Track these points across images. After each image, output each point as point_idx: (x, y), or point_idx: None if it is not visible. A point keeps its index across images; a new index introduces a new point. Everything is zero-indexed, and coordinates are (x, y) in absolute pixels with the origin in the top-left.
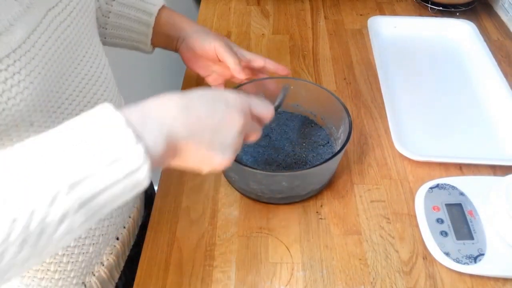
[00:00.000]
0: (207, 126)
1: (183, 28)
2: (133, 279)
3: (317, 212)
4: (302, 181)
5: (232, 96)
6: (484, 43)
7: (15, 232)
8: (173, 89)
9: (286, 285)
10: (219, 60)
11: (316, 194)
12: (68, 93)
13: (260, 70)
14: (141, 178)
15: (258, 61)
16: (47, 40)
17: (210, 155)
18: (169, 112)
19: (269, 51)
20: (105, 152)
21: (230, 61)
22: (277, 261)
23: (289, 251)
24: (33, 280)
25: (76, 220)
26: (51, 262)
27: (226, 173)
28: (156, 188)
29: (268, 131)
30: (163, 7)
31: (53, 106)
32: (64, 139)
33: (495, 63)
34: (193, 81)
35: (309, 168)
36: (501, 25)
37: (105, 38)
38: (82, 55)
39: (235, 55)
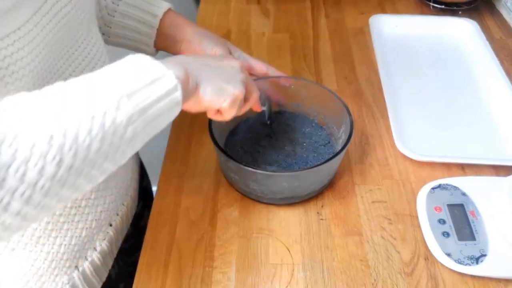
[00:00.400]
0: (213, 66)
1: (186, 31)
2: (128, 272)
3: (317, 212)
4: (303, 181)
5: (236, 63)
6: (487, 42)
7: (95, 127)
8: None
9: (287, 286)
10: None
11: (316, 195)
12: (64, 77)
13: (263, 76)
14: (178, 97)
15: (260, 67)
16: (48, 23)
17: (222, 85)
18: (181, 58)
19: (269, 50)
20: (146, 75)
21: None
22: (278, 262)
23: (290, 252)
24: (27, 261)
25: (138, 126)
26: (44, 244)
27: (226, 173)
28: (151, 181)
29: (268, 131)
30: (169, 10)
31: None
32: (110, 70)
33: (498, 62)
34: None
35: (309, 168)
36: (503, 23)
37: (109, 37)
38: (81, 41)
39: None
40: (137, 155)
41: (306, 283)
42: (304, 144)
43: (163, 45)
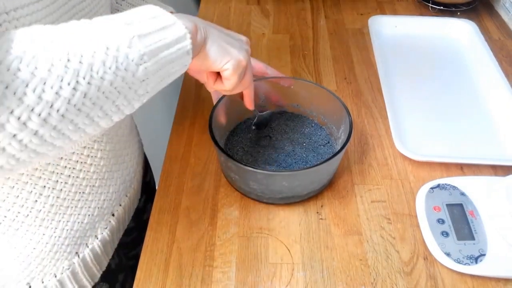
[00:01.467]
0: (221, 29)
1: None
2: (129, 265)
3: (317, 212)
4: (303, 181)
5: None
6: (485, 43)
7: (109, 59)
8: (172, 90)
9: (287, 286)
10: None
11: (316, 194)
12: None
13: (262, 76)
14: (187, 45)
15: (259, 67)
16: (64, 5)
17: (228, 47)
18: (191, 17)
19: (269, 50)
20: (157, 21)
21: None
22: (277, 262)
23: (290, 252)
24: (29, 243)
25: (150, 68)
26: (47, 227)
27: (226, 173)
28: (155, 176)
29: (268, 131)
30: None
31: None
32: (122, 14)
33: (496, 63)
34: (192, 84)
35: (309, 168)
36: (502, 24)
37: None
38: None
39: None
40: (141, 149)
41: (306, 283)
42: (304, 144)
43: None
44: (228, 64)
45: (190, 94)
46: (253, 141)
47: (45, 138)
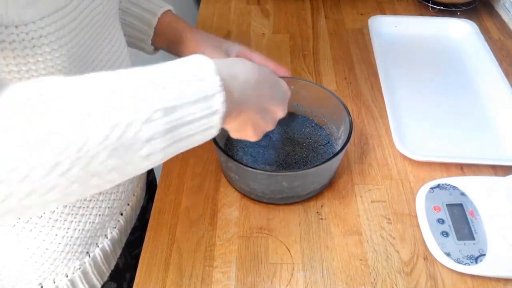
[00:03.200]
0: (264, 106)
1: (183, 36)
2: (133, 264)
3: (317, 212)
4: (303, 181)
5: (286, 86)
6: (485, 43)
7: (112, 137)
8: None
9: (287, 286)
10: None
11: (316, 194)
12: (89, 70)
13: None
14: (215, 121)
15: (259, 60)
16: (86, 8)
17: (249, 129)
18: (250, 82)
19: (269, 50)
20: (196, 89)
21: None
22: (277, 262)
23: (290, 252)
24: (42, 244)
25: (158, 145)
26: (60, 228)
27: (226, 173)
28: (156, 175)
29: (268, 131)
30: (168, 11)
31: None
32: (161, 70)
33: (496, 63)
34: None
35: (309, 168)
36: (502, 24)
37: None
38: (108, 33)
39: None
40: None
41: (306, 283)
42: (304, 144)
43: (162, 45)
44: (237, 136)
45: None
46: (253, 141)
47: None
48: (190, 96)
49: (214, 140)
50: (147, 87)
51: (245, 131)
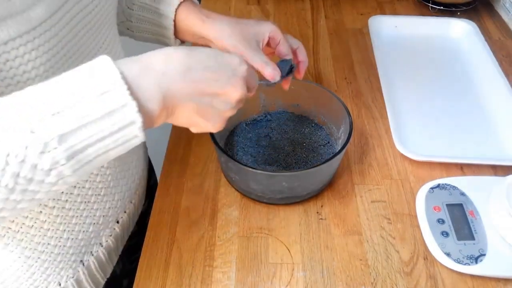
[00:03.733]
0: (206, 94)
1: (201, 31)
2: (131, 269)
3: (317, 212)
4: (303, 181)
5: (237, 62)
6: (485, 43)
7: (6, 176)
8: None
9: (287, 286)
10: None
11: (316, 195)
12: None
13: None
14: (135, 131)
15: (282, 48)
16: (68, 23)
17: (200, 120)
18: (170, 71)
19: None
20: (99, 105)
21: (257, 65)
22: (278, 262)
23: (290, 252)
24: (33, 253)
25: (65, 171)
26: (52, 237)
27: (226, 173)
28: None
29: (268, 131)
30: (185, 1)
31: None
32: (59, 88)
33: (496, 63)
34: None
35: (309, 168)
36: (502, 24)
37: (133, 31)
38: (102, 42)
39: (261, 57)
40: (146, 153)
41: (306, 283)
42: (304, 144)
43: (185, 39)
44: (195, 131)
45: None
46: (253, 141)
47: None
48: (94, 114)
49: (214, 140)
50: (41, 110)
51: (198, 124)
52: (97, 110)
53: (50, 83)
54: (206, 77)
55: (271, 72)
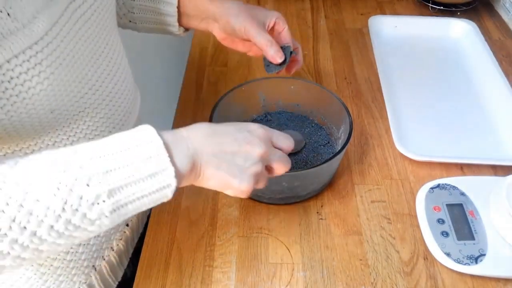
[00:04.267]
0: (227, 152)
1: (208, 9)
2: None
3: (317, 212)
4: (303, 181)
5: (254, 127)
6: (485, 43)
7: (60, 222)
8: (173, 90)
9: (287, 286)
10: None
11: (316, 195)
12: (91, 84)
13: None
14: (168, 193)
15: (284, 38)
16: (69, 32)
17: (228, 179)
18: (196, 138)
19: None
20: (144, 168)
21: (262, 43)
22: (278, 262)
23: (290, 252)
24: (46, 260)
25: (105, 221)
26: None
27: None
28: None
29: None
30: None
31: (75, 95)
32: (110, 149)
33: (496, 63)
34: (192, 84)
35: (309, 168)
36: (502, 24)
37: (136, 23)
38: (103, 47)
39: (266, 36)
40: None
41: (306, 283)
42: (304, 144)
43: (190, 24)
44: (228, 192)
45: (190, 94)
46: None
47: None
48: (139, 175)
49: None
50: (91, 169)
51: (227, 182)
52: (142, 172)
53: (102, 144)
54: (226, 138)
55: (274, 54)
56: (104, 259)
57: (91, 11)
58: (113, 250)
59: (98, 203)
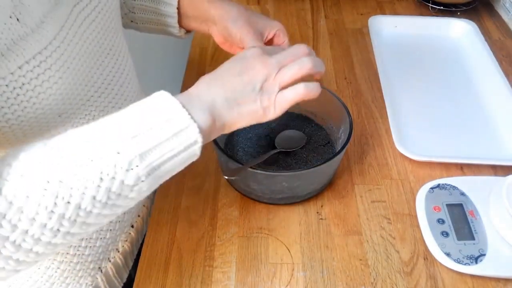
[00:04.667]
0: (234, 88)
1: (207, 11)
2: None
3: (317, 212)
4: (303, 181)
5: (247, 50)
6: (485, 43)
7: (101, 191)
8: (173, 90)
9: (287, 286)
10: None
11: (316, 195)
12: (97, 86)
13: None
14: (196, 150)
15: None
16: (75, 35)
17: (252, 113)
18: (202, 90)
19: None
20: (168, 129)
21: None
22: (278, 262)
23: (290, 252)
24: (53, 263)
25: (144, 186)
26: (70, 246)
27: (226, 173)
28: None
29: (268, 131)
30: None
31: (82, 98)
32: (131, 118)
33: (496, 63)
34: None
35: (309, 168)
36: (502, 24)
37: (137, 23)
38: (109, 48)
39: (260, 44)
40: None
41: (306, 283)
42: (304, 144)
43: (190, 26)
44: (248, 122)
45: None
46: (253, 141)
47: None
48: (164, 135)
49: (214, 140)
50: (118, 139)
51: (258, 115)
52: (166, 132)
53: (120, 115)
54: (227, 75)
55: None
56: (110, 261)
57: (96, 13)
58: (118, 251)
59: (132, 169)
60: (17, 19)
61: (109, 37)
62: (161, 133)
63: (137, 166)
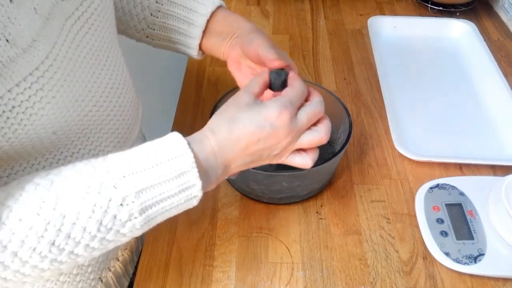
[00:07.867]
0: (254, 154)
1: (240, 23)
2: None
3: (317, 212)
4: (302, 181)
5: (273, 116)
6: (484, 43)
7: (91, 223)
8: (173, 90)
9: (286, 285)
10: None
11: (316, 194)
12: (95, 100)
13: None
14: (196, 193)
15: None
16: (67, 51)
17: (261, 163)
18: (222, 148)
19: None
20: (170, 169)
21: (270, 54)
22: (277, 261)
23: (289, 251)
24: (53, 274)
25: (136, 225)
26: None
27: None
28: None
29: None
30: (218, 8)
31: (79, 114)
32: (136, 155)
33: (495, 63)
34: (192, 84)
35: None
36: (501, 25)
37: (153, 39)
38: (105, 60)
39: (278, 53)
40: None
41: (306, 282)
42: None
43: (206, 44)
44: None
45: (190, 94)
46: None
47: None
48: (165, 176)
49: None
50: (118, 172)
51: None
52: (168, 172)
53: (127, 152)
54: (251, 141)
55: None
56: (110, 270)
57: (89, 25)
58: (118, 260)
59: (127, 204)
60: (7, 40)
61: (104, 48)
62: (162, 172)
63: (132, 202)
